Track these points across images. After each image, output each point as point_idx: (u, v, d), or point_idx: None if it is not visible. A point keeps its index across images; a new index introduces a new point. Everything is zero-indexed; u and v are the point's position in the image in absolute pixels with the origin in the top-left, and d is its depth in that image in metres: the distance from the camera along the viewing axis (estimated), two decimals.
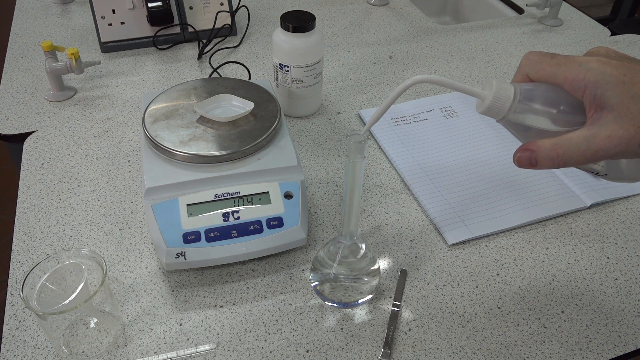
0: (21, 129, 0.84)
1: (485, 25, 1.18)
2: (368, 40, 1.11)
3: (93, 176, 0.76)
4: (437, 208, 0.72)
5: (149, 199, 0.62)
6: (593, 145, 0.39)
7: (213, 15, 1.05)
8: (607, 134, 0.39)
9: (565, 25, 1.18)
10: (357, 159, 0.50)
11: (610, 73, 0.38)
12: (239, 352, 0.56)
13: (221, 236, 0.61)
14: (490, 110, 0.42)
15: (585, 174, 0.77)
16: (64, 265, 0.55)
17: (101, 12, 0.99)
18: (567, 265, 0.66)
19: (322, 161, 0.80)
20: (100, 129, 0.85)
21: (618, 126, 0.38)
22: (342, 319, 0.59)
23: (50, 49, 0.88)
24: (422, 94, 0.95)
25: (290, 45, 0.80)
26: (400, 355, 0.56)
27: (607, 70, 0.38)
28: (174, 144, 0.64)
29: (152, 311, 0.60)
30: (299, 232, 0.63)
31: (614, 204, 0.74)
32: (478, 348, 0.57)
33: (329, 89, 0.96)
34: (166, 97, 0.73)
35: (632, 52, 1.08)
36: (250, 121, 0.68)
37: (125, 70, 0.99)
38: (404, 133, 0.85)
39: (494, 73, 1.01)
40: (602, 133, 0.39)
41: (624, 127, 0.38)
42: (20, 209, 0.71)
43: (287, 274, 0.64)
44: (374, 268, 0.60)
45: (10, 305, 0.60)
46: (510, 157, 0.78)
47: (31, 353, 0.55)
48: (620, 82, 0.38)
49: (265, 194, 0.64)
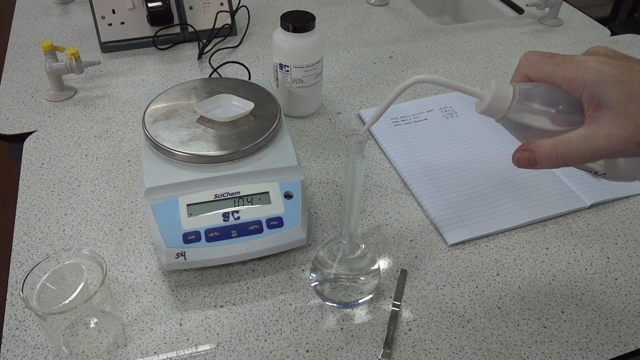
0: (21, 129, 0.84)
1: (485, 25, 1.18)
2: (368, 40, 1.11)
3: (93, 176, 0.76)
4: (437, 208, 0.72)
5: (149, 199, 0.62)
6: (592, 145, 0.39)
7: (213, 15, 1.05)
8: (605, 133, 0.39)
9: (565, 25, 1.18)
10: (357, 159, 0.50)
11: (608, 72, 0.38)
12: (239, 352, 0.56)
13: (221, 236, 0.61)
14: (489, 109, 0.42)
15: (585, 174, 0.77)
16: (64, 265, 0.55)
17: (101, 12, 0.99)
18: (567, 265, 0.66)
19: (322, 161, 0.80)
20: (100, 129, 0.85)
21: (617, 125, 0.38)
22: (342, 319, 0.59)
23: (50, 49, 0.88)
24: (422, 94, 0.95)
25: (290, 45, 0.80)
26: (400, 355, 0.56)
27: (605, 69, 0.38)
28: (174, 144, 0.64)
29: (152, 311, 0.60)
30: (299, 232, 0.63)
31: (614, 204, 0.74)
32: (478, 348, 0.57)
33: (329, 89, 0.96)
34: (166, 97, 0.73)
35: (632, 52, 1.08)
36: (250, 121, 0.68)
37: (125, 70, 0.99)
38: (404, 133, 0.85)
39: (494, 73, 1.02)
40: (601, 132, 0.39)
41: (623, 125, 0.38)
42: (20, 209, 0.71)
43: (287, 274, 0.64)
44: (374, 268, 0.60)
45: (10, 305, 0.60)
46: (510, 157, 0.78)
47: (31, 353, 0.55)
48: (618, 81, 0.38)
49: (265, 194, 0.64)
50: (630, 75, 0.38)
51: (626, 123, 0.38)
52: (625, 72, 0.38)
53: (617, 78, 0.38)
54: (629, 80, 0.38)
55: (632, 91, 0.38)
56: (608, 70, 0.38)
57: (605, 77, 0.38)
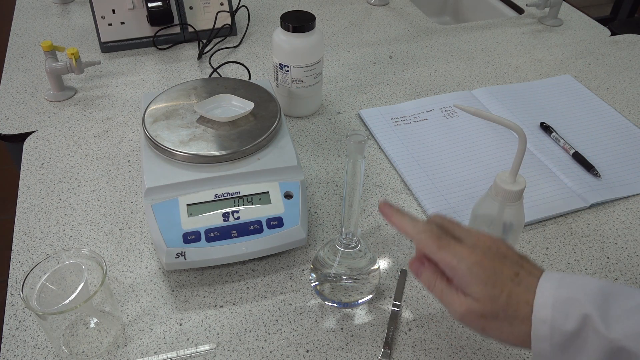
0: (21, 129, 0.84)
1: (485, 25, 1.18)
2: (368, 40, 1.11)
3: (93, 176, 0.76)
4: (437, 208, 0.72)
5: (149, 199, 0.62)
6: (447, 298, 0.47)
7: (213, 15, 1.05)
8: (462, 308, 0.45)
9: (565, 25, 1.18)
10: (357, 159, 0.50)
11: (477, 273, 0.44)
12: (239, 352, 0.56)
13: (221, 236, 0.61)
14: None
15: (585, 174, 0.77)
16: (64, 265, 0.55)
17: (101, 12, 0.99)
18: (567, 265, 0.66)
19: (322, 161, 0.80)
20: (100, 129, 0.85)
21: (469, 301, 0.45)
22: (342, 319, 0.59)
23: (50, 49, 0.88)
24: (422, 94, 0.95)
25: (290, 45, 0.80)
26: (400, 355, 0.56)
27: (475, 270, 0.45)
28: (174, 144, 0.64)
29: (152, 311, 0.60)
30: (299, 232, 0.63)
31: (614, 204, 0.74)
32: (478, 348, 0.57)
33: (329, 89, 0.96)
34: (166, 97, 0.73)
35: (632, 52, 1.08)
36: (250, 121, 0.68)
37: (125, 70, 0.99)
38: (404, 133, 0.85)
39: (494, 73, 1.02)
40: (460, 307, 0.46)
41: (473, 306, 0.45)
42: (20, 209, 0.71)
43: (287, 274, 0.64)
44: (374, 268, 0.60)
45: (10, 305, 0.60)
46: (510, 157, 0.78)
47: (31, 353, 0.55)
48: (482, 283, 0.44)
49: (265, 194, 0.64)
50: (495, 280, 0.44)
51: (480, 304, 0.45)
52: (492, 277, 0.44)
53: (483, 280, 0.44)
54: (493, 284, 0.44)
55: (493, 294, 0.44)
56: (477, 271, 0.45)
57: (474, 276, 0.45)
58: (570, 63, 1.05)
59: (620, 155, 0.82)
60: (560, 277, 0.44)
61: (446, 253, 0.46)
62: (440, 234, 0.47)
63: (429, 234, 0.47)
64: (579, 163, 0.79)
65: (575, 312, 0.41)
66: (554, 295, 0.42)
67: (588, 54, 1.08)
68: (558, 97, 0.94)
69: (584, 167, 0.78)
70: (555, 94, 0.95)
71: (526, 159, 0.78)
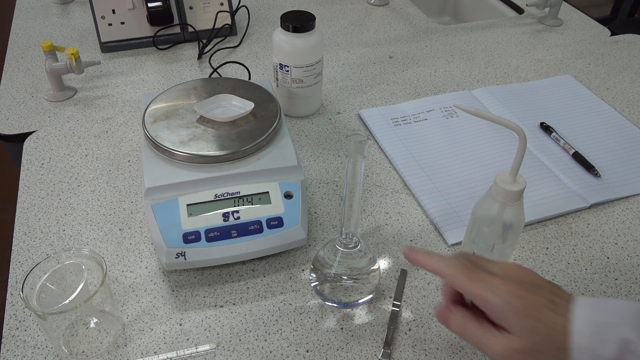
0: (21, 129, 0.84)
1: (485, 25, 1.18)
2: (368, 40, 1.11)
3: (93, 176, 0.76)
4: (437, 208, 0.72)
5: (149, 199, 0.62)
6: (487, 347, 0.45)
7: (213, 15, 1.05)
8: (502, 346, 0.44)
9: (565, 25, 1.18)
10: (357, 159, 0.50)
11: (513, 304, 0.43)
12: (239, 352, 0.56)
13: (221, 236, 0.61)
14: None
15: (585, 174, 0.77)
16: (64, 265, 0.55)
17: (101, 12, 0.99)
18: (567, 265, 0.66)
19: (322, 161, 0.80)
20: (100, 129, 0.85)
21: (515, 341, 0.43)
22: (342, 319, 0.59)
23: (50, 49, 0.88)
24: (422, 94, 0.95)
25: (290, 45, 0.80)
26: (400, 355, 0.56)
27: (511, 301, 0.43)
28: (174, 144, 0.64)
29: (152, 311, 0.60)
30: (299, 232, 0.63)
31: (614, 204, 0.74)
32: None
33: (329, 89, 0.96)
34: (166, 97, 0.73)
35: (632, 52, 1.08)
36: (250, 121, 0.69)
37: (125, 70, 0.99)
38: (404, 133, 0.85)
39: (494, 73, 1.02)
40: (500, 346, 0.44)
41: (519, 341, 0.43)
42: (20, 209, 0.71)
43: (287, 274, 0.64)
44: (374, 268, 0.60)
45: (10, 305, 0.60)
46: (510, 157, 0.78)
47: (31, 353, 0.55)
48: (520, 314, 0.43)
49: (265, 194, 0.64)
50: (532, 309, 0.43)
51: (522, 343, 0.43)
52: (529, 307, 0.43)
53: (521, 312, 0.43)
54: (531, 315, 0.42)
55: (532, 326, 0.42)
56: (514, 302, 0.43)
57: (511, 309, 0.43)
58: (570, 63, 1.05)
59: (620, 155, 0.82)
60: (593, 302, 0.43)
61: (479, 286, 0.44)
62: (471, 267, 0.46)
63: (459, 268, 0.46)
64: (579, 163, 0.79)
65: (613, 338, 0.40)
66: (591, 322, 0.41)
67: (588, 54, 1.08)
68: (558, 97, 0.94)
69: (584, 167, 0.78)
70: (555, 94, 0.95)
71: (526, 159, 0.78)
